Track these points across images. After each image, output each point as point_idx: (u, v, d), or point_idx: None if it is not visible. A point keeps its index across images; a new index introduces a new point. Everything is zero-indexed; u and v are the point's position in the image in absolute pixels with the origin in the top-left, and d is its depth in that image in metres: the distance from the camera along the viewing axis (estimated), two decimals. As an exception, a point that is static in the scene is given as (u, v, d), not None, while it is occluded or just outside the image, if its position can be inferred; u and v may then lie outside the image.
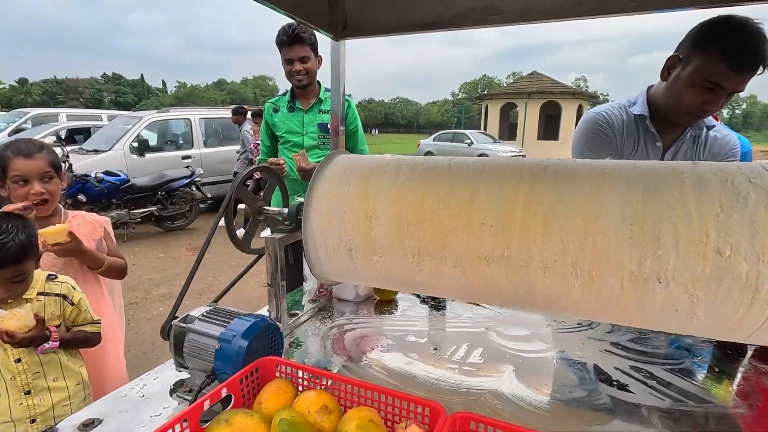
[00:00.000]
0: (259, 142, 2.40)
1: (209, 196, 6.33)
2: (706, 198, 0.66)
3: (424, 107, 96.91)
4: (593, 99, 24.56)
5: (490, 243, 0.75)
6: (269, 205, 1.20)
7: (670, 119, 1.25)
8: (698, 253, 0.64)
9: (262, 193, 1.24)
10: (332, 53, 1.45)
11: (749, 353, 0.99)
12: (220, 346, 0.79)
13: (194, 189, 5.92)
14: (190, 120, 6.89)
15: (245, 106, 6.76)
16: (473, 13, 1.27)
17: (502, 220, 0.75)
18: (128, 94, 69.56)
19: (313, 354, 1.00)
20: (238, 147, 6.49)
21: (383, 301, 1.31)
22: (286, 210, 1.11)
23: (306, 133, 2.15)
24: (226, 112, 7.39)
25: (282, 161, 2.03)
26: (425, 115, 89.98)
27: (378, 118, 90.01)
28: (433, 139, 18.26)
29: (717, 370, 0.93)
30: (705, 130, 1.28)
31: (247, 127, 6.06)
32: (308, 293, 1.34)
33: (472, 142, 16.36)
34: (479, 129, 24.65)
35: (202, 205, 6.35)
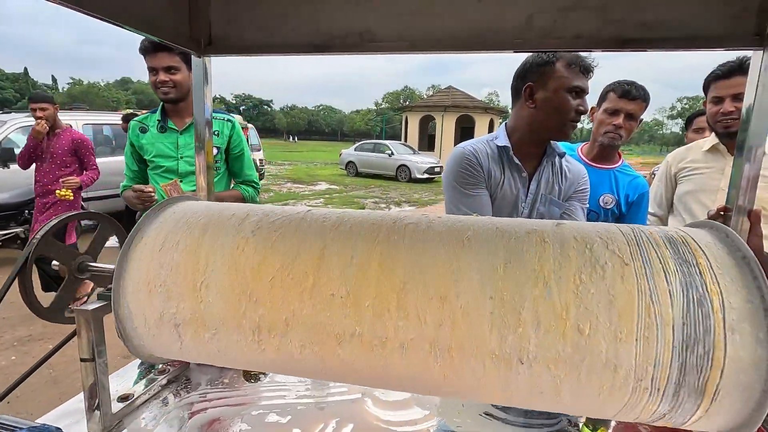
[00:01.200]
0: None
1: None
2: (566, 269, 0.60)
3: (348, 115, 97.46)
4: (503, 113, 26.44)
5: (340, 319, 0.62)
6: (96, 260, 0.96)
7: (527, 145, 1.38)
8: (558, 331, 0.57)
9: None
10: (194, 70, 1.26)
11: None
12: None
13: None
14: (71, 126, 6.03)
15: (139, 112, 6.09)
16: (349, 39, 1.16)
17: (353, 292, 0.63)
18: (8, 89, 60.46)
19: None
20: (131, 157, 5.81)
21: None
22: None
23: (181, 158, 1.89)
24: (119, 118, 6.62)
25: (151, 189, 1.74)
26: (349, 123, 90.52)
27: (301, 125, 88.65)
28: (355, 149, 18.26)
29: (590, 427, 0.90)
30: (558, 157, 1.40)
31: (141, 136, 5.45)
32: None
33: (392, 153, 16.63)
34: (400, 139, 25.26)
35: (89, 223, 5.57)
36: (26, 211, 4.72)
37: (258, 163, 11.73)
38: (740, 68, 1.58)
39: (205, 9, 1.22)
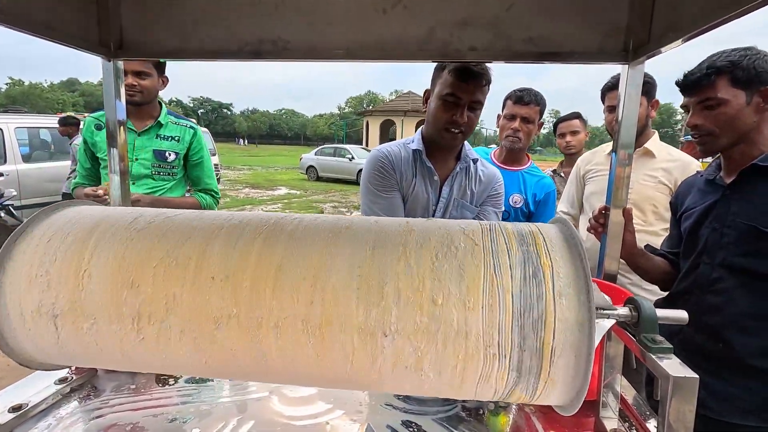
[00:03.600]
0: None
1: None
2: (426, 250, 0.67)
3: (311, 119, 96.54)
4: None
5: (217, 301, 0.66)
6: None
7: (441, 151, 1.42)
8: (416, 303, 0.64)
9: None
10: (104, 74, 1.24)
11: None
12: None
13: (3, 214, 4.84)
14: (1, 130, 5.65)
15: (77, 116, 5.79)
16: (263, 46, 1.19)
17: (232, 274, 0.66)
18: (-65, 89, 55.60)
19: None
20: (70, 163, 5.51)
21: (166, 367, 1.12)
22: None
23: (136, 159, 1.86)
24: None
25: (101, 192, 1.70)
26: (312, 127, 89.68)
27: (262, 128, 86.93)
28: (315, 154, 18.14)
29: (485, 411, 0.97)
30: (472, 163, 1.46)
31: (79, 140, 5.18)
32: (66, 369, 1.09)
33: (353, 157, 16.65)
34: (362, 143, 25.33)
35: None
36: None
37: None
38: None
39: (115, 13, 1.21)
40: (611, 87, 1.85)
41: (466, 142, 1.48)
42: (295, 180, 17.23)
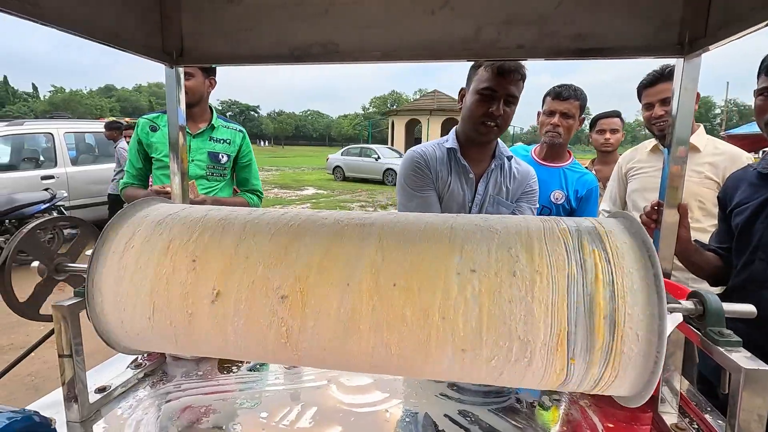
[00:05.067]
0: None
1: (77, 221, 5.53)
2: (505, 247, 0.68)
3: (335, 120, 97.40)
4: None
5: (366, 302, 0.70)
6: (74, 262, 1.02)
7: (475, 148, 1.44)
8: (506, 298, 0.65)
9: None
10: (167, 80, 1.32)
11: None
12: (-53, 468, 0.62)
13: (56, 215, 5.13)
14: (52, 135, 5.99)
15: (122, 120, 6.08)
16: (313, 50, 1.24)
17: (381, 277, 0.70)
18: (-14, 98, 59.30)
19: (117, 440, 0.85)
20: (114, 165, 5.79)
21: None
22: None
23: (192, 160, 1.96)
24: (102, 126, 6.58)
25: (169, 189, 1.81)
26: (337, 128, 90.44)
27: (288, 130, 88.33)
28: (341, 154, 18.32)
29: (540, 404, 0.98)
30: (507, 160, 1.47)
31: (123, 143, 5.44)
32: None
33: (379, 157, 16.72)
34: (387, 144, 25.37)
35: (73, 231, 5.53)
36: (6, 221, 4.68)
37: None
38: (662, 76, 1.72)
39: (177, 22, 1.28)
40: (647, 84, 1.80)
41: (500, 141, 1.49)
42: (322, 180, 17.45)
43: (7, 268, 0.89)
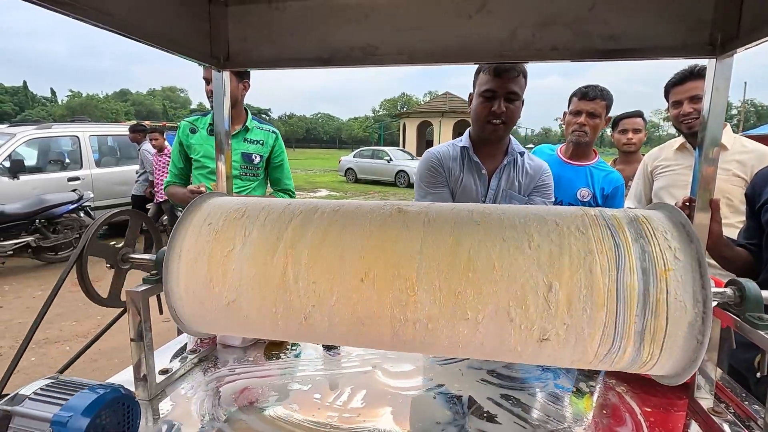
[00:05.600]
0: (169, 161, 2.26)
1: (102, 222, 5.68)
2: (555, 234, 0.73)
3: (345, 123, 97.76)
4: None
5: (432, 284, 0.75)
6: (150, 248, 1.10)
7: (487, 146, 1.51)
8: (570, 282, 0.70)
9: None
10: (215, 84, 1.40)
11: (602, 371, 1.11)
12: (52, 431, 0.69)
13: (83, 215, 5.29)
14: (78, 137, 6.17)
15: (145, 123, 6.24)
16: (353, 53, 1.30)
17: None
18: (6, 102, 60.78)
19: (185, 417, 0.91)
20: (137, 167, 5.95)
21: (273, 344, 1.25)
22: (154, 256, 1.02)
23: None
24: (124, 129, 6.76)
25: (203, 189, 1.89)
26: (347, 130, 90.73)
27: (299, 132, 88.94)
28: (354, 156, 18.43)
29: (577, 389, 1.03)
30: (519, 156, 1.53)
31: (147, 146, 5.59)
32: (190, 341, 1.25)
33: (391, 159, 16.79)
34: (398, 146, 25.43)
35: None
36: (36, 221, 4.85)
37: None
38: (691, 74, 1.75)
39: (223, 28, 1.36)
40: (676, 82, 1.83)
41: (513, 138, 1.55)
42: (335, 182, 17.57)
43: (81, 265, 0.97)
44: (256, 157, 2.10)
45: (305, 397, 0.98)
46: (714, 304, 0.80)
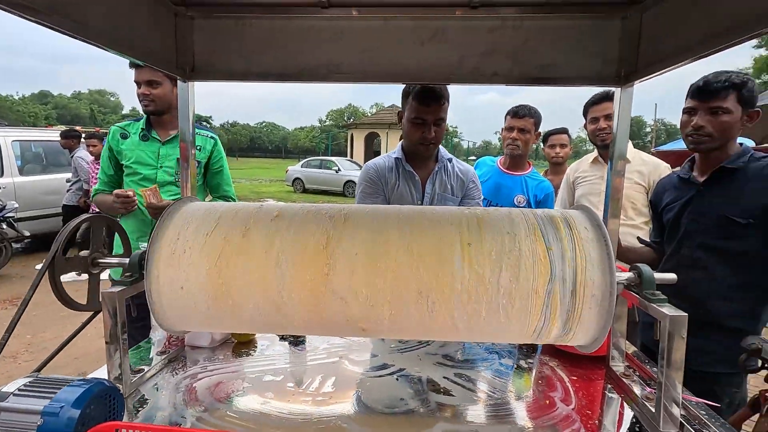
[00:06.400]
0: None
1: (27, 234, 5.23)
2: (494, 232, 0.88)
3: (291, 132, 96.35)
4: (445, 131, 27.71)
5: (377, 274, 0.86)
6: (110, 252, 1.12)
7: (419, 156, 1.68)
8: (502, 267, 0.84)
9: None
10: (180, 94, 1.44)
11: (539, 349, 1.29)
12: (43, 422, 0.72)
13: (5, 226, 4.84)
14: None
15: (77, 128, 5.84)
16: (318, 70, 1.41)
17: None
18: None
19: (162, 410, 0.95)
20: (68, 175, 5.55)
21: (241, 344, 1.31)
22: (127, 259, 1.05)
23: (161, 167, 2.00)
24: (51, 134, 6.28)
25: (131, 193, 1.85)
26: (293, 140, 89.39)
27: (243, 141, 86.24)
28: (302, 166, 18.28)
29: (518, 366, 1.19)
30: (447, 162, 1.72)
31: (82, 152, 5.24)
32: (157, 344, 1.27)
33: (339, 169, 16.87)
34: (346, 156, 25.56)
35: (17, 246, 5.22)
36: None
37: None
38: (607, 96, 2.10)
39: (189, 41, 1.41)
40: (594, 102, 2.15)
41: (441, 147, 1.73)
42: (282, 192, 17.30)
43: (54, 271, 0.97)
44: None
45: (279, 386, 1.06)
46: (622, 287, 0.99)
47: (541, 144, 2.97)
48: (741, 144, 1.41)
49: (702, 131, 1.39)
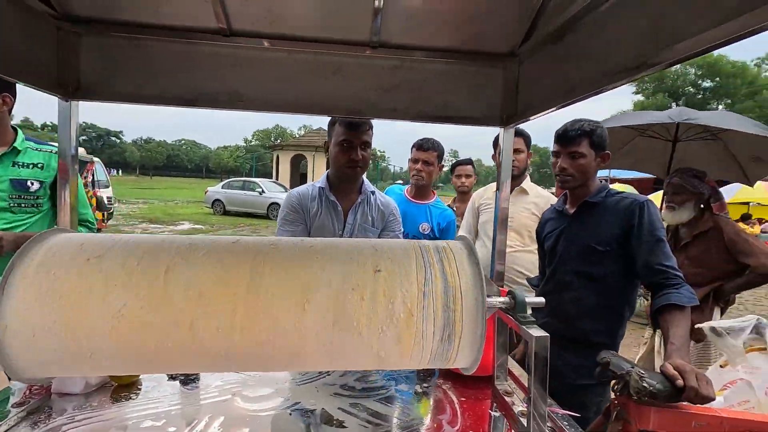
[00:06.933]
0: None
1: None
2: (374, 259, 0.91)
3: (214, 151, 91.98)
4: (372, 156, 28.39)
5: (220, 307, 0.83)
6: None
7: (344, 186, 1.73)
8: (380, 297, 0.87)
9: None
10: (60, 113, 1.33)
11: (437, 373, 1.35)
12: None
13: None
14: None
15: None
16: (219, 97, 1.39)
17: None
18: None
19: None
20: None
21: (122, 386, 1.19)
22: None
23: None
24: None
25: None
26: (216, 159, 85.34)
27: (159, 159, 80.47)
28: (222, 187, 17.44)
29: (416, 392, 1.23)
30: (370, 194, 1.79)
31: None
32: (17, 394, 1.12)
33: (263, 191, 16.37)
34: (272, 178, 24.93)
35: None
36: None
37: (105, 201, 10.41)
38: (521, 134, 2.31)
39: (74, 58, 1.32)
40: (495, 141, 2.37)
41: (365, 179, 1.81)
42: (200, 214, 16.29)
43: None
44: (33, 183, 1.78)
45: (158, 432, 0.98)
46: (497, 310, 1.08)
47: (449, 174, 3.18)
48: (601, 181, 1.65)
49: (565, 172, 1.60)
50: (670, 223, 2.42)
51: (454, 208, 3.07)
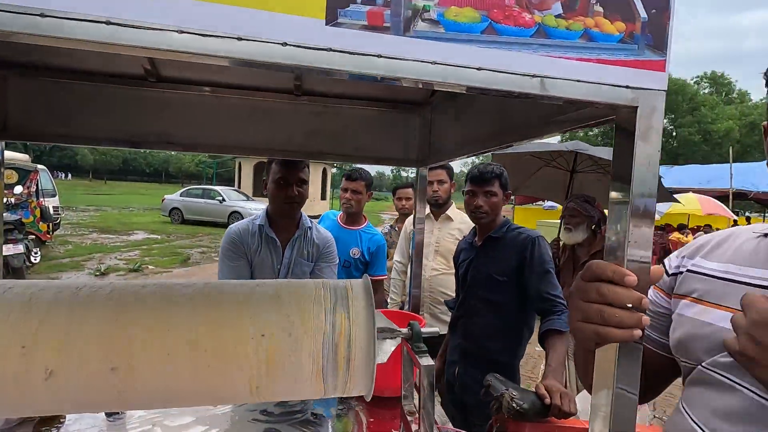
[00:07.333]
0: None
1: None
2: (277, 302, 1.02)
3: (174, 155, 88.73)
4: (335, 165, 28.53)
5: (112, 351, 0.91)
6: None
7: (282, 221, 1.83)
8: (275, 335, 0.97)
9: None
10: (-15, 153, 1.36)
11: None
12: None
13: None
14: None
15: None
16: (149, 137, 1.46)
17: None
18: None
19: None
20: None
21: (43, 420, 1.24)
22: None
23: None
24: None
25: None
26: (176, 163, 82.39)
27: (114, 163, 76.83)
28: (180, 195, 16.95)
29: (334, 413, 1.34)
30: (308, 229, 1.90)
31: None
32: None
33: (224, 199, 16.05)
34: (233, 185, 24.43)
35: None
36: None
37: (51, 211, 9.90)
38: (441, 167, 2.49)
39: (1, 98, 1.35)
40: (431, 168, 2.55)
41: (303, 213, 1.92)
42: (156, 223, 15.75)
43: None
44: None
45: (74, 466, 1.04)
46: (398, 340, 1.22)
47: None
48: (504, 216, 1.85)
49: (481, 209, 1.78)
50: (567, 243, 2.69)
51: (396, 229, 3.23)
